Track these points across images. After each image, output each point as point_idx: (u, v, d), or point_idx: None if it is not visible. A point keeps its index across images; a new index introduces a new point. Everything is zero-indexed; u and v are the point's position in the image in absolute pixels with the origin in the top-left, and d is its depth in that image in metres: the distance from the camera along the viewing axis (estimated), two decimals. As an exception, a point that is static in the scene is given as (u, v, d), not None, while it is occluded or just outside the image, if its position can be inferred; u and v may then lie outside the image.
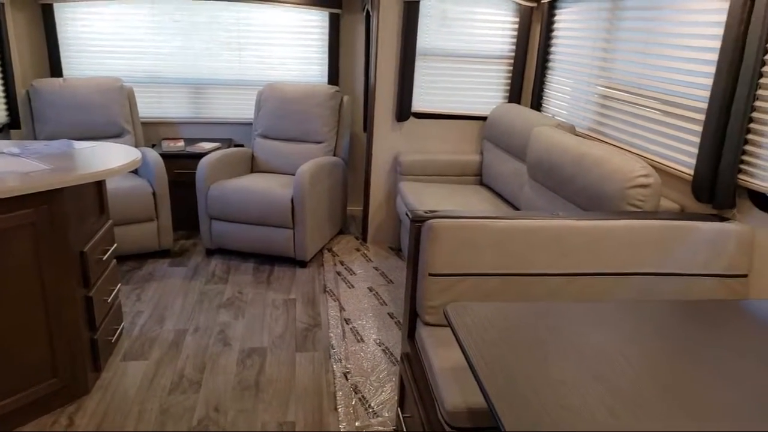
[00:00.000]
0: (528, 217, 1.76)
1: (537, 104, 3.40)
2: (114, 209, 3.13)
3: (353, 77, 4.13)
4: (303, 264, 3.42)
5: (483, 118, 3.60)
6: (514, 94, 3.56)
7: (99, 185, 2.33)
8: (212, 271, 3.29)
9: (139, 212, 3.23)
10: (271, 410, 2.15)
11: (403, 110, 3.48)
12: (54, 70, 3.69)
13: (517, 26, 3.45)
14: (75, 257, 2.06)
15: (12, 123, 3.46)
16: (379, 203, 3.73)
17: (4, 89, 3.40)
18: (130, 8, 3.70)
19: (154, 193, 3.26)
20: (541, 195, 2.54)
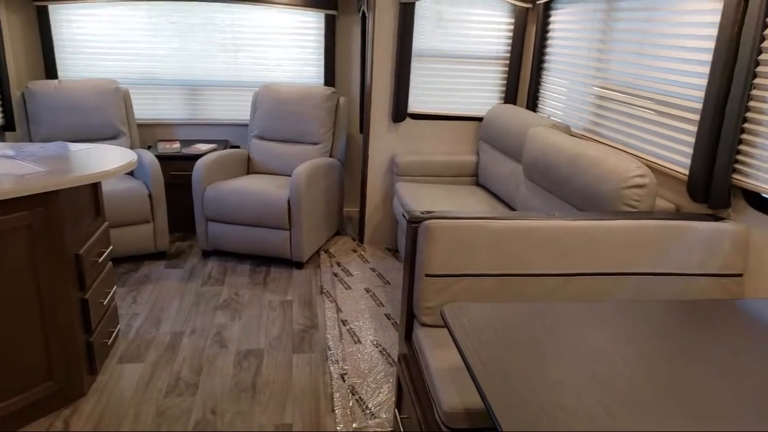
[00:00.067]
0: (524, 218, 1.77)
1: (533, 105, 3.40)
2: (110, 211, 3.12)
3: (349, 78, 4.13)
4: (300, 265, 3.42)
5: (479, 119, 3.61)
6: (510, 95, 3.56)
7: (95, 187, 2.33)
8: (208, 273, 3.28)
9: (135, 214, 3.22)
10: (268, 412, 2.15)
11: (400, 111, 3.49)
12: (49, 72, 3.67)
13: (512, 27, 3.46)
14: (70, 259, 2.05)
15: (7, 125, 3.45)
16: (375, 204, 3.73)
17: (-2, 91, 3.39)
18: (125, 10, 3.69)
19: (150, 195, 3.25)
20: (537, 195, 2.55)
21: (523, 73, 3.56)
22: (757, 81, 1.76)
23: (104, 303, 2.35)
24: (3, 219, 1.80)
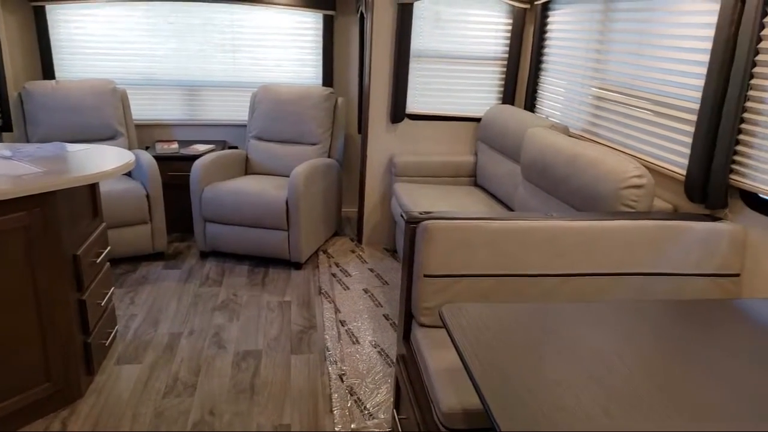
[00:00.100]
0: (522, 218, 1.77)
1: (531, 105, 3.41)
2: (107, 212, 3.11)
3: (347, 79, 4.13)
4: (298, 266, 3.41)
5: (477, 120, 3.61)
6: (508, 96, 3.57)
7: (92, 188, 2.32)
8: (206, 274, 3.28)
9: (132, 215, 3.21)
10: (267, 413, 2.15)
11: (398, 112, 3.49)
12: (46, 73, 3.67)
13: (510, 28, 3.46)
14: (68, 260, 2.05)
15: (4, 126, 3.44)
16: (373, 205, 3.73)
17: (-5, 92, 3.38)
18: (123, 10, 3.69)
19: (147, 196, 3.25)
20: (535, 196, 2.55)
21: (521, 74, 3.56)
22: (753, 81, 1.77)
23: (102, 304, 2.34)
24: (0, 220, 1.80)
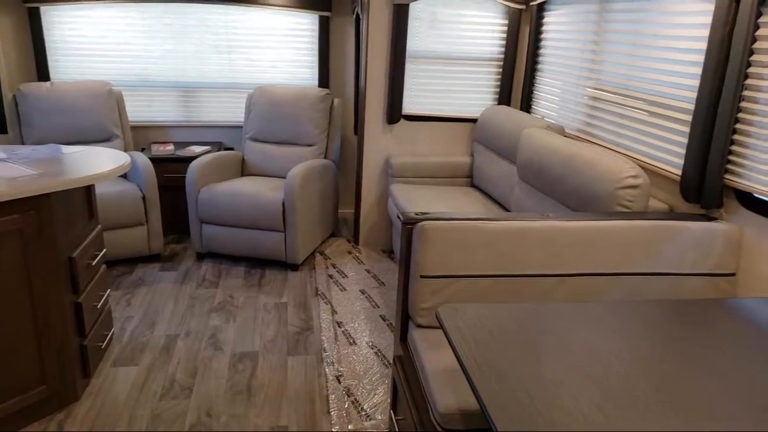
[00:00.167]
0: (519, 219, 1.77)
1: (526, 106, 3.41)
2: (103, 214, 3.10)
3: (343, 80, 4.13)
4: (294, 267, 3.41)
5: (473, 120, 3.62)
6: (504, 96, 3.57)
7: (88, 190, 2.32)
8: (203, 275, 3.27)
9: (128, 217, 3.20)
10: (264, 414, 2.14)
11: (394, 112, 3.49)
12: (41, 74, 3.65)
13: (506, 28, 3.47)
14: (63, 263, 2.04)
15: (-1, 128, 3.43)
16: (370, 206, 3.73)
17: (-10, 93, 3.37)
18: (118, 11, 3.68)
19: (143, 198, 3.24)
20: (531, 196, 2.55)
21: (517, 75, 3.57)
22: (748, 82, 1.77)
23: (98, 306, 2.34)
24: (-5, 222, 1.79)
